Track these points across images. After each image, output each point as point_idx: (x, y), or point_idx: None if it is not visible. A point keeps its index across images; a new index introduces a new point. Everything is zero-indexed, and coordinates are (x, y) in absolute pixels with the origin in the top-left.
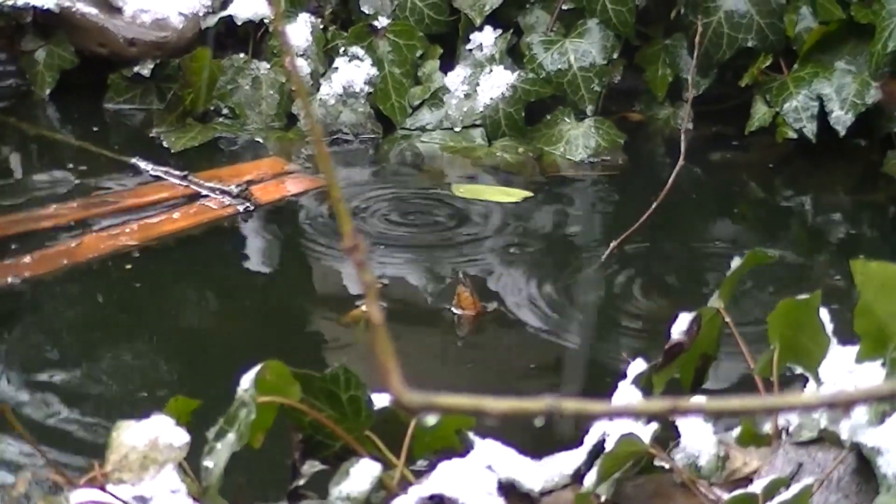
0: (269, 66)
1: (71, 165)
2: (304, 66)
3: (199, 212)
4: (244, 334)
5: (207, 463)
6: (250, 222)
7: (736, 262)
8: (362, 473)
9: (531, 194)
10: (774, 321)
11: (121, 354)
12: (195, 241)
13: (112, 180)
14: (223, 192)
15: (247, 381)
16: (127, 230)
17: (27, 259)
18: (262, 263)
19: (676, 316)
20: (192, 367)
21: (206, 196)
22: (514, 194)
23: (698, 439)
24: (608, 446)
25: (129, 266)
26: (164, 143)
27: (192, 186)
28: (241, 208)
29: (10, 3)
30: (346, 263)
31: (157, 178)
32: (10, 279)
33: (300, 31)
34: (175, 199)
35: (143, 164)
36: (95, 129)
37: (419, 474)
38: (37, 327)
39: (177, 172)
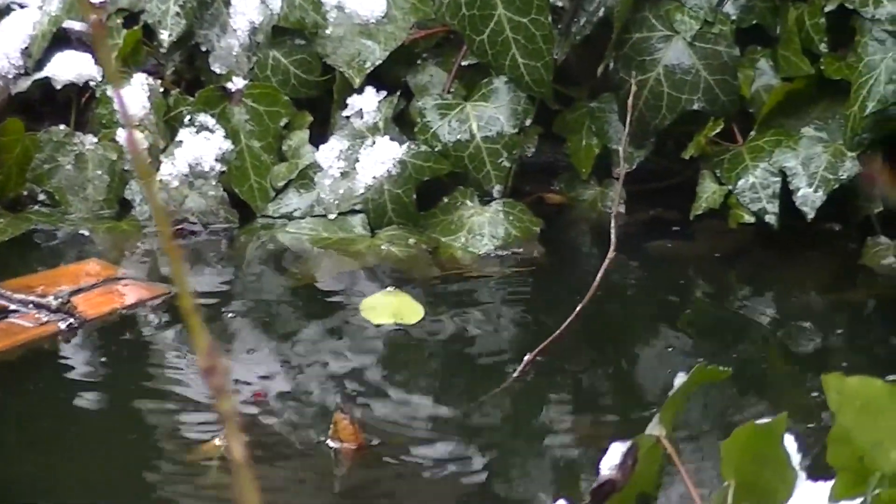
0: (95, 139)
1: None
2: (140, 139)
3: (9, 331)
4: (71, 483)
5: None
6: (74, 342)
7: (680, 380)
8: None
9: (421, 315)
10: (729, 452)
11: None
12: (5, 369)
13: None
14: (39, 305)
15: None
16: None
17: None
18: (90, 394)
19: (607, 447)
20: None
21: (16, 311)
22: (409, 314)
23: None
24: None
25: None
26: None
27: None
28: (62, 325)
29: None
30: (195, 389)
31: None
32: None
33: (135, 95)
34: None
35: None
36: None
37: None
38: None
39: None
